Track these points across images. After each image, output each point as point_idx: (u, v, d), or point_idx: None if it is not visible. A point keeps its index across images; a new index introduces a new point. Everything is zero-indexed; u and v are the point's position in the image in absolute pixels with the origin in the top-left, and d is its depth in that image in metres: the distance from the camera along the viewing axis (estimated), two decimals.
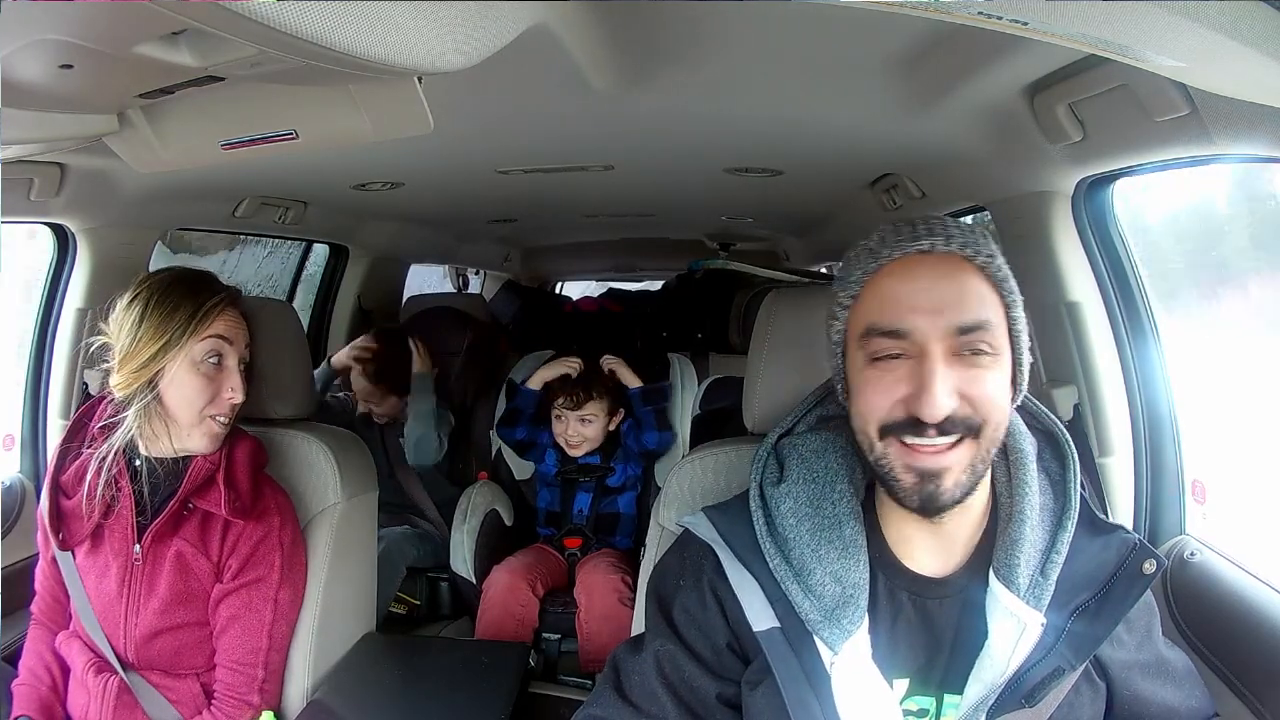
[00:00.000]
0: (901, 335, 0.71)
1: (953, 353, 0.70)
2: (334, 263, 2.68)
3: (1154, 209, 1.43)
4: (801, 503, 0.80)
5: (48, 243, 1.59)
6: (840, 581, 0.76)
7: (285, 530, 1.19)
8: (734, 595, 0.79)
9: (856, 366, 0.75)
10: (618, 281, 4.76)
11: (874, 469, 0.75)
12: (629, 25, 0.89)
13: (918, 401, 0.69)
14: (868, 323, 0.73)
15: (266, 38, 0.52)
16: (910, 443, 0.71)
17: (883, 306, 0.73)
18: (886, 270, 0.74)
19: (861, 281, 0.75)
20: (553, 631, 1.85)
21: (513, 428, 2.05)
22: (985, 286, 0.73)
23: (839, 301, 0.77)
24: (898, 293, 0.72)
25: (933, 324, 0.70)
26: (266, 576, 1.16)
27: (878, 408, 0.72)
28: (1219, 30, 0.58)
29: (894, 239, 0.74)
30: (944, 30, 0.85)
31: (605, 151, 1.55)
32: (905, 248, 0.73)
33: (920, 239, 0.73)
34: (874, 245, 0.75)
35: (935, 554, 0.79)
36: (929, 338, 0.70)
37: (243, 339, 1.19)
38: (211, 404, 1.13)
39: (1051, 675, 0.73)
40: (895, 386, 0.71)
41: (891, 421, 0.72)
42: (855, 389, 0.76)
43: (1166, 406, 1.25)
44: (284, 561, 1.17)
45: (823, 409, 0.89)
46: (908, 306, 0.71)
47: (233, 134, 0.87)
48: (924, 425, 0.69)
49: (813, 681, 0.74)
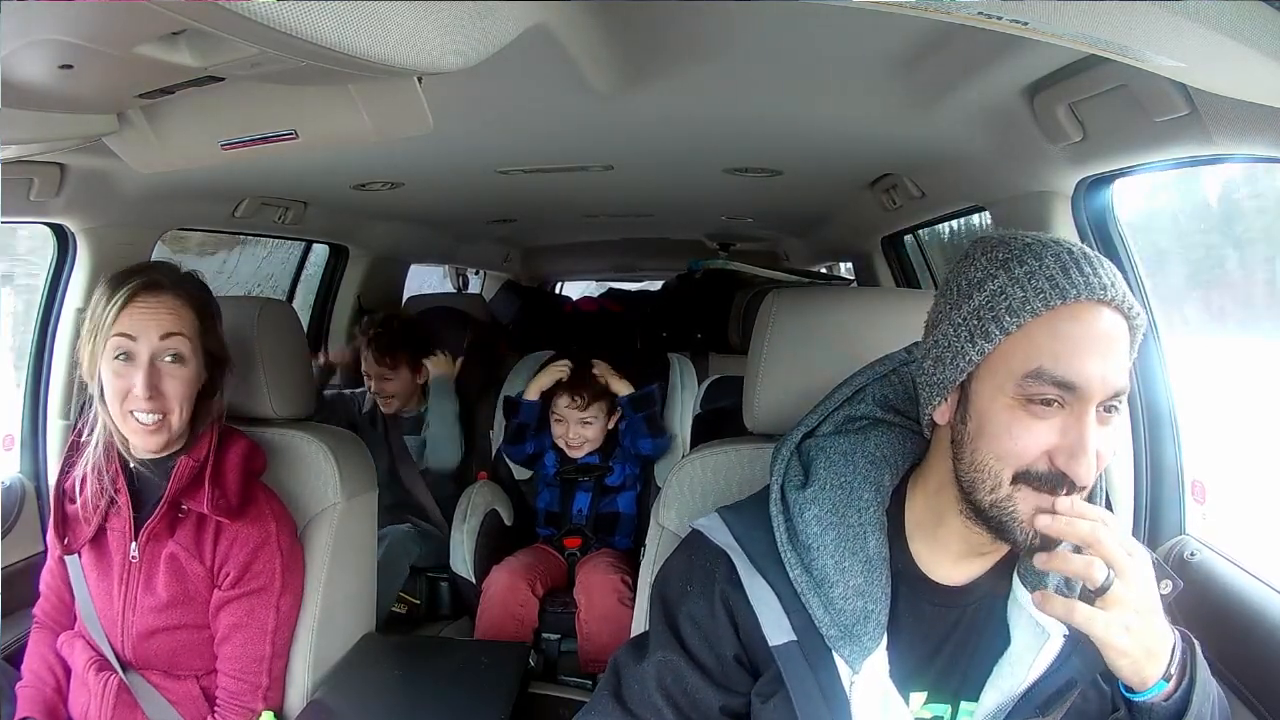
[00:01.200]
0: (1071, 389, 0.66)
1: (1099, 410, 0.68)
2: (334, 263, 2.69)
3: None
4: (827, 510, 0.77)
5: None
6: (862, 595, 0.74)
7: (283, 535, 1.18)
8: (748, 605, 0.77)
9: (1000, 400, 0.69)
10: (617, 281, 4.76)
11: (988, 508, 0.70)
12: (629, 25, 0.89)
13: (1071, 461, 0.66)
14: (1039, 364, 0.67)
15: (266, 38, 0.52)
16: (1043, 493, 0.68)
17: (1059, 352, 0.67)
18: (1069, 311, 0.67)
19: (1037, 313, 0.67)
20: (552, 631, 1.85)
21: (520, 444, 2.03)
22: (1129, 346, 0.69)
23: (998, 322, 0.68)
24: (1079, 343, 0.67)
25: (1102, 386, 0.66)
26: (268, 585, 1.15)
27: (1024, 453, 0.68)
28: (1219, 30, 0.58)
29: (1079, 277, 0.67)
30: (944, 30, 0.85)
31: (605, 151, 1.55)
32: (1094, 293, 0.67)
33: (1106, 287, 0.68)
34: (1054, 275, 0.68)
35: (969, 567, 0.77)
36: (1094, 396, 0.66)
37: (160, 330, 1.08)
38: (127, 400, 1.07)
39: (1065, 686, 0.72)
40: (1045, 435, 0.67)
41: (1033, 470, 0.68)
42: (993, 424, 0.69)
43: (1166, 406, 1.25)
44: (284, 567, 1.17)
45: (850, 408, 0.84)
46: (1086, 360, 0.66)
47: (233, 134, 0.87)
48: (1066, 482, 0.67)
49: (828, 698, 0.73)
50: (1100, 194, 1.23)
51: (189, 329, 1.10)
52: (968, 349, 0.70)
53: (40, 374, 1.62)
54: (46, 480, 1.62)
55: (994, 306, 0.69)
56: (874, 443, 0.81)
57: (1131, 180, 1.20)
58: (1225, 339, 1.59)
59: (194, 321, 1.12)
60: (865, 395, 0.85)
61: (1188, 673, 0.69)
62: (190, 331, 1.11)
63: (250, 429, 1.26)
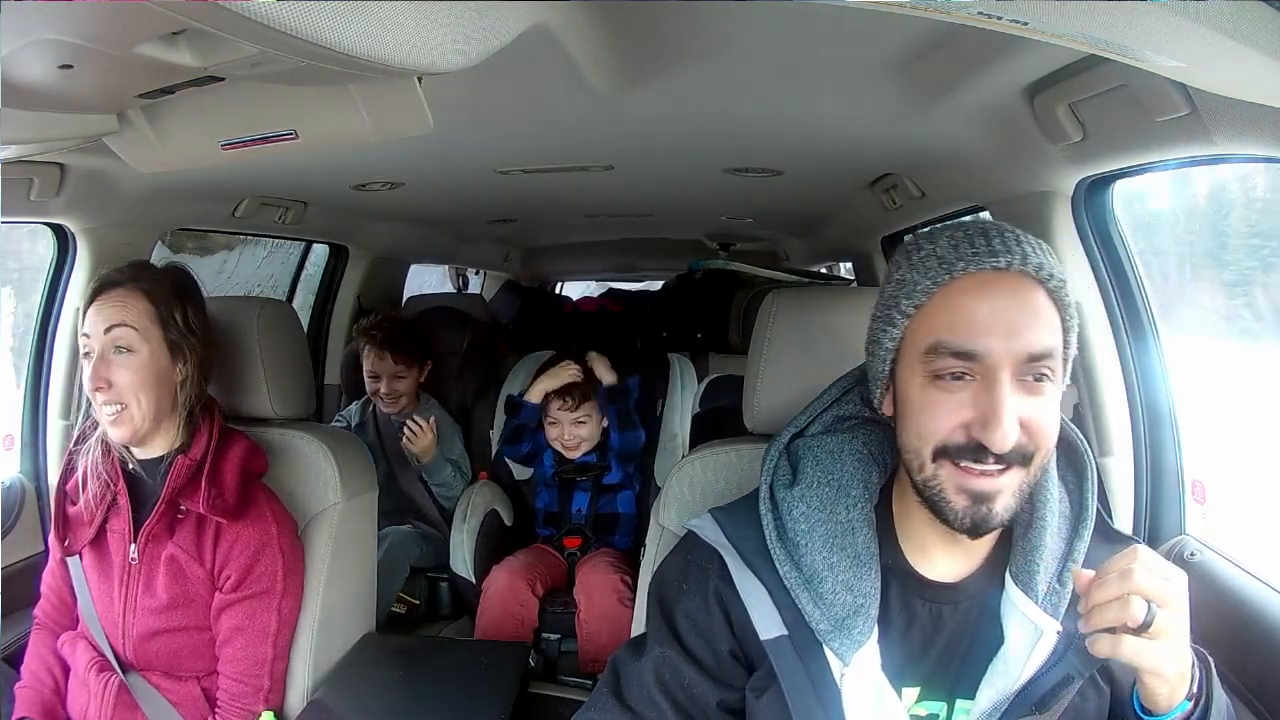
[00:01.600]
0: (972, 357, 0.68)
1: (1018, 378, 0.68)
2: (334, 263, 2.68)
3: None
4: (815, 507, 0.78)
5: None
6: (851, 590, 0.75)
7: (284, 538, 1.18)
8: (740, 601, 0.78)
9: (914, 381, 0.72)
10: (617, 281, 4.76)
11: (921, 488, 0.72)
12: (629, 26, 0.89)
13: (985, 430, 0.67)
14: (937, 339, 0.69)
15: (266, 38, 0.52)
16: (964, 465, 0.69)
17: (954, 323, 0.69)
18: (960, 285, 0.69)
19: (929, 292, 0.71)
20: (552, 631, 1.85)
21: (518, 444, 2.04)
22: (1053, 312, 0.70)
23: (899, 308, 0.72)
24: (973, 311, 0.69)
25: (1006, 349, 0.67)
26: (270, 588, 1.15)
27: (938, 430, 0.70)
28: (1219, 30, 0.58)
29: (968, 250, 0.70)
30: (944, 30, 0.85)
31: (605, 151, 1.55)
32: (982, 262, 0.69)
33: (997, 255, 0.69)
34: (943, 253, 0.70)
35: (952, 562, 0.78)
36: (1001, 363, 0.67)
37: (105, 324, 1.10)
38: (93, 394, 1.11)
39: (1061, 683, 0.72)
40: (958, 410, 0.69)
41: (951, 445, 0.69)
42: (910, 405, 0.72)
43: (1166, 406, 1.25)
44: (285, 570, 1.17)
45: (839, 409, 0.86)
46: (983, 328, 0.68)
47: (233, 134, 0.87)
48: (985, 452, 0.68)
49: (819, 691, 0.74)
50: (1100, 194, 1.23)
51: (138, 320, 1.12)
52: (883, 338, 0.74)
53: (40, 374, 1.62)
54: (46, 480, 1.62)
55: (896, 295, 0.73)
56: (862, 441, 0.82)
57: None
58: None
59: (146, 311, 1.13)
60: (854, 395, 0.86)
61: (1204, 690, 0.69)
62: (139, 322, 1.12)
63: (250, 429, 1.26)
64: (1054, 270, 0.70)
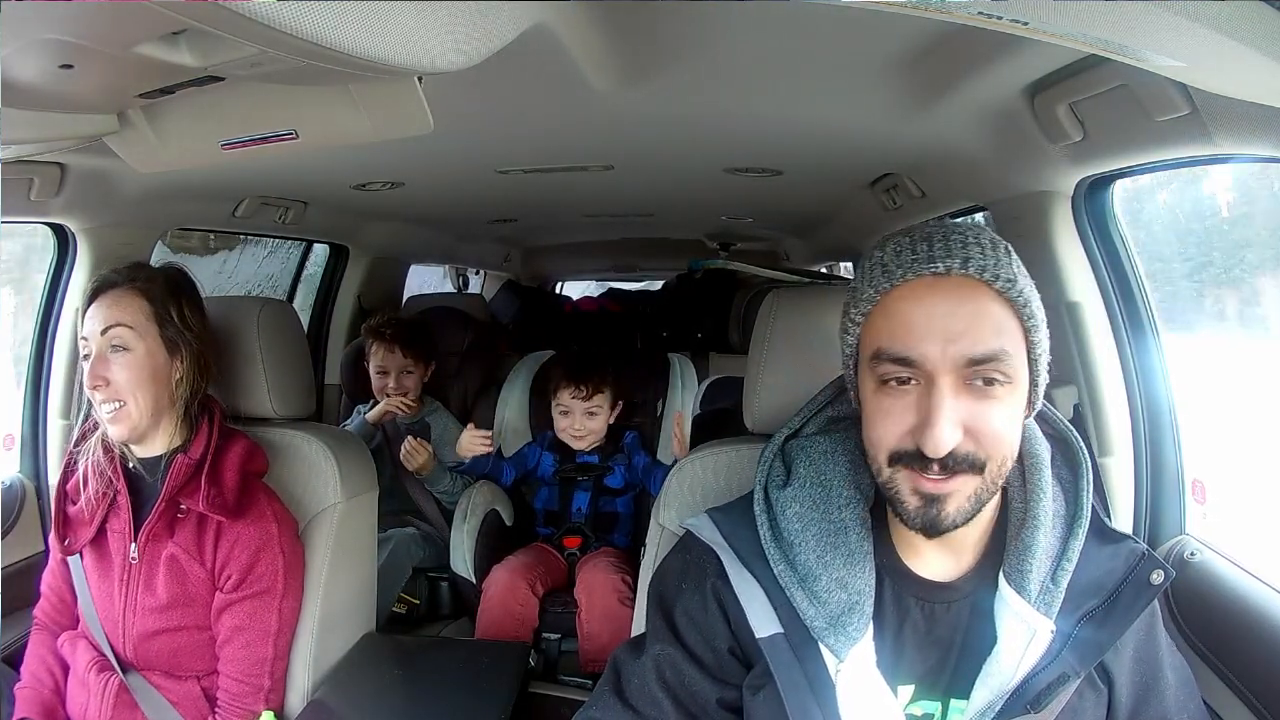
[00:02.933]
0: (910, 364, 0.69)
1: (963, 381, 0.68)
2: (334, 263, 2.68)
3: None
4: (808, 507, 0.79)
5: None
6: (845, 588, 0.75)
7: (285, 537, 1.18)
8: (736, 600, 0.79)
9: (867, 387, 0.73)
10: (617, 281, 4.77)
11: (882, 489, 0.74)
12: (629, 25, 0.89)
13: (922, 435, 0.67)
14: (876, 346, 0.71)
15: (266, 38, 0.52)
16: (915, 469, 0.70)
17: (893, 331, 0.70)
18: (899, 292, 0.70)
19: (873, 300, 0.72)
20: (553, 631, 1.85)
21: (500, 476, 2.06)
22: (1004, 312, 0.70)
23: (850, 316, 0.75)
24: (909, 318, 0.69)
25: (943, 354, 0.67)
26: (271, 587, 1.15)
27: (886, 437, 0.71)
28: (1219, 30, 0.58)
29: (909, 257, 0.70)
30: (944, 30, 0.85)
31: (605, 151, 1.55)
32: (920, 270, 0.69)
33: (936, 261, 0.69)
34: (887, 260, 0.72)
35: (944, 560, 0.78)
36: (938, 369, 0.68)
37: (102, 325, 1.12)
38: (91, 392, 1.12)
39: (1056, 681, 0.72)
40: (903, 415, 0.70)
41: (900, 451, 0.70)
42: (866, 410, 0.74)
43: (1166, 406, 1.25)
44: (286, 570, 1.17)
45: (833, 409, 0.87)
46: (918, 334, 0.68)
47: (233, 134, 0.87)
48: (928, 459, 0.68)
49: (815, 688, 0.74)
50: (1100, 194, 1.23)
51: (133, 318, 1.13)
52: (843, 345, 0.77)
53: (40, 374, 1.62)
54: (46, 480, 1.62)
55: (849, 303, 0.75)
56: (855, 442, 0.82)
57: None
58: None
59: (143, 309, 1.14)
60: (847, 396, 0.86)
61: None
62: (135, 320, 1.13)
63: (251, 429, 1.26)
64: (1000, 270, 0.69)
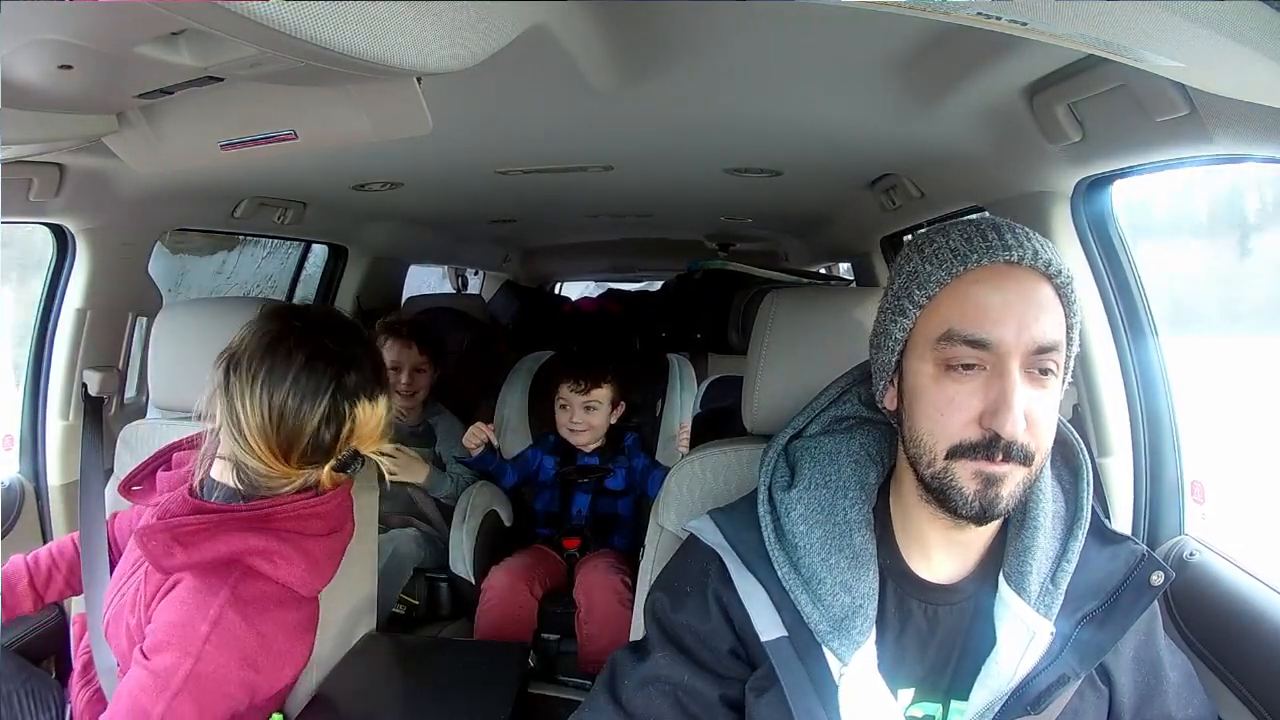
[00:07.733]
0: (984, 346, 0.69)
1: (1025, 369, 0.69)
2: (333, 263, 2.68)
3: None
4: (813, 509, 0.78)
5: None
6: (850, 591, 0.75)
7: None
8: (740, 602, 0.78)
9: (924, 371, 0.72)
10: (617, 282, 4.76)
11: (929, 481, 0.72)
12: (629, 25, 0.89)
13: (997, 418, 0.68)
14: (949, 326, 0.70)
15: (266, 38, 0.52)
16: (979, 459, 0.69)
17: (965, 313, 0.70)
18: (973, 276, 0.71)
19: (943, 282, 0.72)
20: (552, 632, 1.85)
21: (502, 477, 2.07)
22: (1060, 307, 0.71)
23: (911, 298, 0.73)
24: (985, 301, 0.70)
25: (1017, 339, 0.68)
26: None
27: (950, 427, 0.70)
28: (1219, 30, 0.58)
29: (981, 243, 0.71)
30: (944, 30, 0.85)
31: (605, 152, 1.55)
32: (995, 256, 0.70)
33: (1010, 248, 0.70)
34: (957, 246, 0.72)
35: (950, 561, 0.78)
36: (1011, 353, 0.68)
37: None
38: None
39: (1057, 682, 0.73)
40: (969, 402, 0.70)
41: (965, 443, 0.70)
42: (920, 396, 0.73)
43: (1166, 407, 1.25)
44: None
45: (837, 409, 0.87)
46: (995, 318, 0.69)
47: (232, 134, 0.88)
48: (997, 446, 0.68)
49: (819, 691, 0.74)
50: (1100, 194, 1.23)
51: None
52: (892, 329, 0.75)
53: (40, 374, 1.62)
54: (46, 480, 1.62)
55: (908, 286, 0.74)
56: (859, 442, 0.82)
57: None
58: None
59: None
60: (851, 395, 0.86)
61: None
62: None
63: None
64: (1061, 267, 0.71)
